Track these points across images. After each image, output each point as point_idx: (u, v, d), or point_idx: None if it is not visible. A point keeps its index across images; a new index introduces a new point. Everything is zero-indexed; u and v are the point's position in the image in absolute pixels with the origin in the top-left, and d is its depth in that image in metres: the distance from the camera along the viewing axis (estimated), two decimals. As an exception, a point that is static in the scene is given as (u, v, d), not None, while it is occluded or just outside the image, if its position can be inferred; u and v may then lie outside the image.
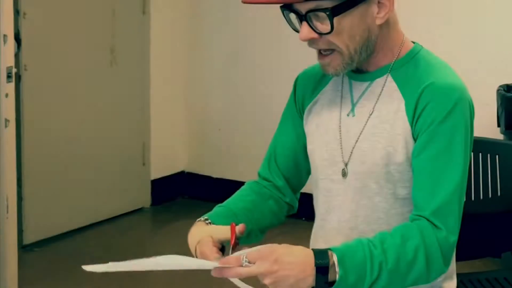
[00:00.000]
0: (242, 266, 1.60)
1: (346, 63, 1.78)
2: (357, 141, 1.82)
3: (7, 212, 3.45)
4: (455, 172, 1.72)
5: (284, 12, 1.79)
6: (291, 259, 1.60)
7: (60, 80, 4.49)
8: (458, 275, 1.95)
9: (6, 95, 3.37)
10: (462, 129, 1.74)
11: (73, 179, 4.62)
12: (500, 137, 3.90)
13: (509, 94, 3.90)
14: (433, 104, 1.74)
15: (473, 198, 2.79)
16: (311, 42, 1.77)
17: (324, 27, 1.73)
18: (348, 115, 1.86)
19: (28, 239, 4.41)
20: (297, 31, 1.80)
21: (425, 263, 1.67)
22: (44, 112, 4.42)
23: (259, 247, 1.64)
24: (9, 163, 3.45)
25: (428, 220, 1.70)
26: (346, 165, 1.84)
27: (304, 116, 1.94)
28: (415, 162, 1.75)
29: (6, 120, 3.39)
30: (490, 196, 2.79)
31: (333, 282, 1.62)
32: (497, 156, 2.79)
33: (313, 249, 1.64)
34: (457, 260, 1.92)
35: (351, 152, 1.83)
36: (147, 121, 5.06)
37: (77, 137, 4.61)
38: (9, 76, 3.36)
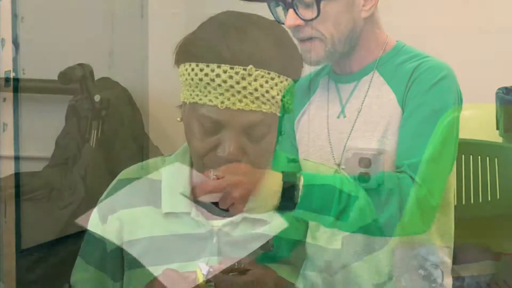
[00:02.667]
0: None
1: (329, 51, 1.78)
2: (348, 139, 1.82)
3: (5, 216, 3.44)
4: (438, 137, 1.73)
5: (271, 5, 1.80)
6: (260, 175, 1.51)
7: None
8: (457, 278, 1.95)
9: (4, 99, 3.36)
10: (450, 100, 1.75)
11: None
12: (499, 140, 3.89)
13: (508, 97, 3.89)
14: (419, 79, 1.76)
15: (472, 201, 2.78)
16: (295, 30, 1.78)
17: (310, 13, 1.74)
18: (338, 117, 1.86)
19: (27, 243, 4.39)
20: (283, 23, 1.81)
21: (398, 207, 1.64)
22: (42, 117, 4.40)
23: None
24: (7, 167, 3.44)
25: (407, 173, 1.67)
26: (338, 165, 1.84)
27: (295, 129, 1.95)
28: (401, 131, 1.75)
29: (4, 124, 3.38)
30: (489, 199, 2.79)
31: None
32: (496, 159, 2.79)
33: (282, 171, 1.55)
34: (456, 263, 1.92)
35: (345, 152, 1.83)
36: (145, 125, 5.04)
37: (76, 141, 4.59)
38: (7, 80, 3.35)
